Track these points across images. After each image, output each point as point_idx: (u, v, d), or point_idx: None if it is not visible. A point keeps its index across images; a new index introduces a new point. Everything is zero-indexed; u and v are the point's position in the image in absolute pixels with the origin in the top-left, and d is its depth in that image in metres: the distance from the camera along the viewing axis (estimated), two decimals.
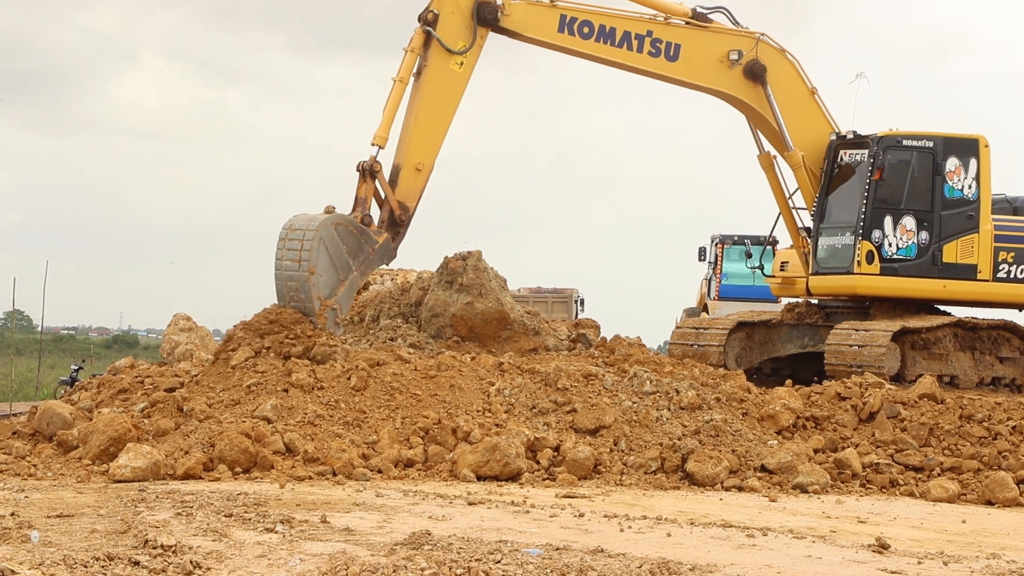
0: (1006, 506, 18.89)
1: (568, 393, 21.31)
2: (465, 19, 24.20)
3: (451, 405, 20.71)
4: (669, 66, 25.87)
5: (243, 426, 19.27)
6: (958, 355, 25.94)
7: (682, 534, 14.65)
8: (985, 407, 21.61)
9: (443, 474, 19.06)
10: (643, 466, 19.64)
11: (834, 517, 16.80)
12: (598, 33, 25.32)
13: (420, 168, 24.05)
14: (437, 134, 24.33)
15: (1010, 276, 26.55)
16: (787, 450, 19.92)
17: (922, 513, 17.75)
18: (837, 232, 26.55)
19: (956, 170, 26.26)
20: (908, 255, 26.05)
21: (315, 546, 12.88)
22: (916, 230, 26.06)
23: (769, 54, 26.39)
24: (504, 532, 14.16)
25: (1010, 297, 26.91)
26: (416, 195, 24.13)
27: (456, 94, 24.32)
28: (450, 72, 24.13)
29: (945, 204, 26.18)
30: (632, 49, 25.60)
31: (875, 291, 26.23)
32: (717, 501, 17.97)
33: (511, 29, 24.75)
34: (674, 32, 25.91)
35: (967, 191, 26.25)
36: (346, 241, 22.97)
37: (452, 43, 24.02)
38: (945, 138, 26.29)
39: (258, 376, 20.91)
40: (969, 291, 26.45)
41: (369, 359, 21.78)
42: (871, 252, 25.86)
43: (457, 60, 24.07)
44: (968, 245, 26.31)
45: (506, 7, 24.51)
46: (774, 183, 27.47)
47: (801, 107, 26.69)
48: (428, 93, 24.03)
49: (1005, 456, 20.26)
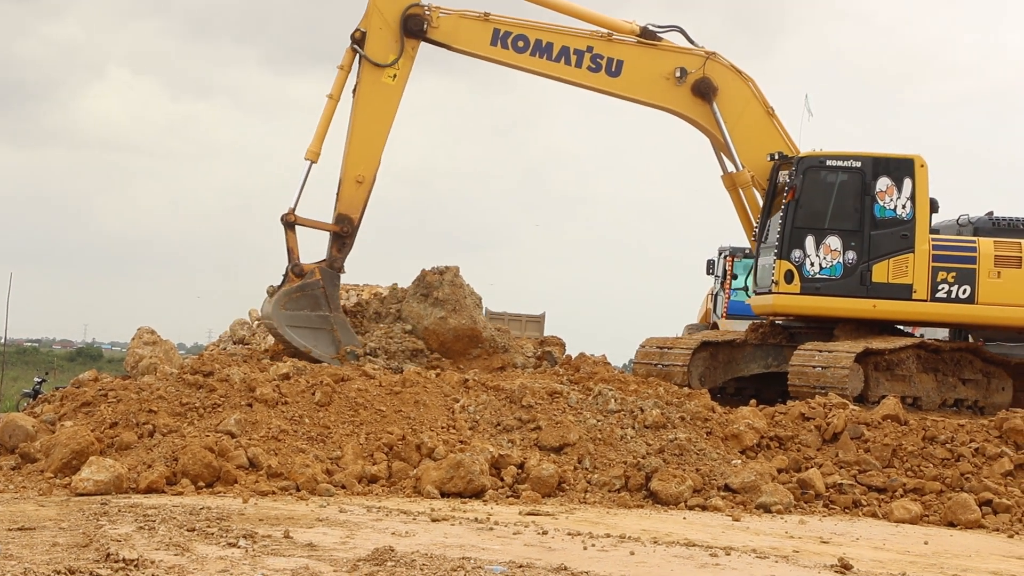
0: (968, 528, 18.96)
1: (533, 410, 21.31)
2: (394, 33, 24.96)
3: (415, 421, 20.69)
4: (610, 81, 26.22)
5: (206, 440, 19.21)
6: (921, 376, 26.02)
7: (645, 552, 14.66)
8: (948, 429, 21.69)
9: (407, 490, 19.03)
10: (607, 484, 19.64)
11: (797, 537, 16.83)
12: (534, 47, 25.76)
13: (361, 180, 25.13)
14: (375, 146, 25.22)
15: (950, 296, 26.54)
16: (751, 470, 19.96)
17: (885, 534, 17.80)
18: (769, 252, 26.75)
19: (888, 190, 26.33)
20: (833, 274, 26.14)
21: (278, 561, 12.83)
22: (842, 249, 26.17)
23: (721, 73, 26.58)
24: (467, 549, 14.14)
25: (948, 317, 26.87)
26: (359, 206, 25.18)
27: (390, 106, 25.14)
28: (382, 86, 24.94)
29: (875, 224, 26.23)
30: (570, 64, 25.99)
31: (794, 310, 26.40)
32: (681, 520, 17.98)
33: (441, 41, 25.30)
34: (617, 48, 26.23)
35: (900, 211, 26.32)
36: (301, 305, 24.58)
37: (382, 58, 24.86)
38: (875, 158, 26.38)
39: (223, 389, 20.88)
40: (903, 311, 26.46)
41: (334, 374, 21.76)
42: (790, 271, 26.01)
43: (389, 73, 24.88)
44: (902, 265, 26.33)
45: (434, 19, 25.07)
46: (737, 203, 27.58)
47: (755, 127, 26.82)
48: (362, 108, 24.94)
49: (967, 478, 20.34)
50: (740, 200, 27.51)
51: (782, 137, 26.99)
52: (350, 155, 25.16)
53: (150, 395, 20.82)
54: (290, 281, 24.91)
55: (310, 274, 24.85)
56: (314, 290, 24.78)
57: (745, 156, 26.75)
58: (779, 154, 26.75)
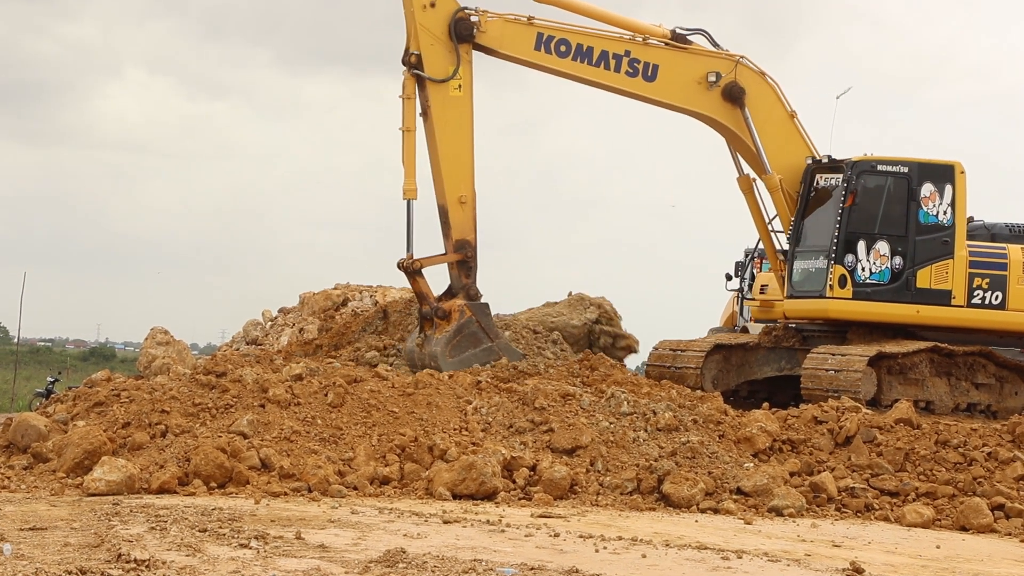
0: (980, 532, 18.91)
1: (545, 413, 21.30)
2: (445, 44, 24.46)
3: (428, 423, 20.69)
4: (647, 86, 25.95)
5: (219, 441, 19.23)
6: (934, 380, 25.99)
7: (657, 556, 14.65)
8: (961, 433, 21.65)
9: (419, 492, 19.03)
10: (619, 487, 19.63)
11: (809, 541, 16.81)
12: (575, 52, 25.41)
13: (464, 200, 24.58)
14: (466, 163, 24.68)
15: (984, 302, 26.62)
16: (763, 473, 19.94)
17: (897, 538, 17.77)
18: (812, 256, 26.61)
19: (931, 196, 26.33)
20: (881, 280, 26.10)
21: (289, 562, 12.84)
22: (890, 255, 26.13)
23: (748, 77, 26.47)
24: (479, 551, 14.14)
25: (984, 323, 26.96)
26: (471, 226, 24.68)
27: (467, 117, 24.64)
28: (453, 100, 24.38)
29: (919, 229, 26.24)
30: (609, 68, 25.66)
31: (847, 315, 26.29)
32: (692, 523, 17.97)
33: (487, 46, 24.93)
34: (652, 53, 25.98)
35: (942, 217, 26.33)
36: (464, 347, 24.37)
37: (443, 72, 24.32)
38: (920, 164, 26.37)
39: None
40: (943, 317, 26.50)
41: (347, 376, 21.78)
42: (844, 276, 25.92)
43: (453, 85, 24.30)
44: (943, 271, 26.38)
45: (482, 23, 24.67)
46: (753, 206, 27.53)
47: (780, 130, 26.74)
48: (441, 128, 24.34)
49: (980, 482, 20.30)
50: (756, 203, 27.44)
51: (804, 140, 26.93)
52: (446, 179, 24.57)
53: (163, 395, 20.85)
54: (439, 327, 24.44)
55: (460, 314, 24.39)
56: (470, 328, 24.41)
57: (773, 160, 26.62)
58: (828, 157, 26.64)
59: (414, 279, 24.54)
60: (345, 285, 32.59)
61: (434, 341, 24.34)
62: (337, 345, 28.03)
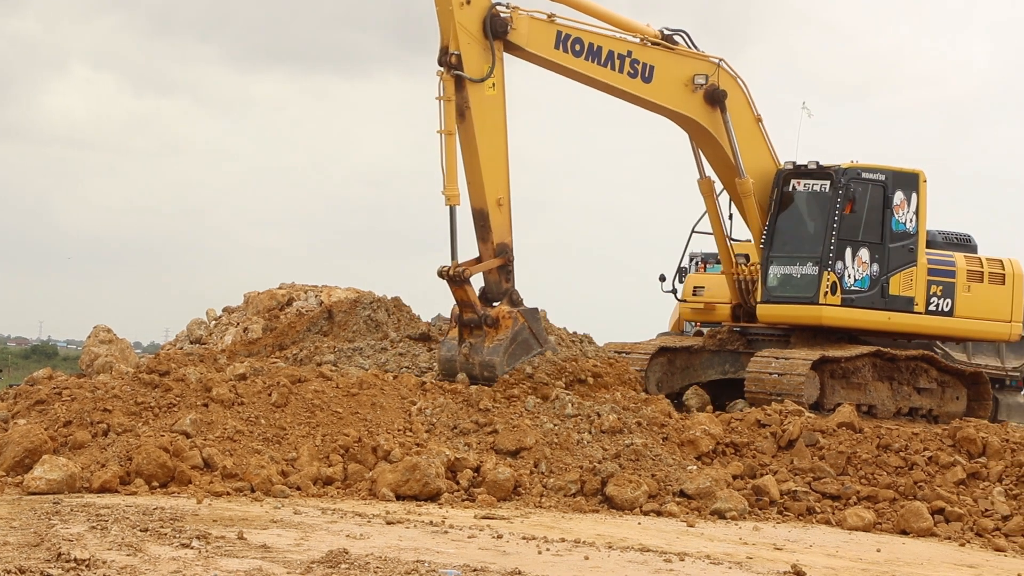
0: (920, 536, 19.06)
1: (490, 414, 21.30)
2: (480, 42, 23.72)
3: (372, 424, 20.65)
4: (644, 87, 25.59)
5: (161, 440, 19.12)
6: (877, 385, 26.17)
7: (600, 557, 14.68)
8: (902, 437, 21.80)
9: (362, 493, 18.99)
10: (563, 489, 19.65)
11: (751, 543, 16.88)
12: (587, 51, 24.95)
13: (501, 203, 23.95)
14: (502, 164, 24.13)
15: (938, 309, 26.86)
16: (706, 476, 20.00)
17: (838, 541, 17.87)
18: (795, 261, 26.46)
19: (901, 204, 26.51)
20: (862, 287, 26.24)
21: (231, 563, 12.79)
22: (869, 262, 26.28)
23: (727, 80, 26.28)
24: (422, 552, 14.13)
25: (939, 330, 27.26)
26: (508, 228, 24.11)
27: (502, 117, 24.08)
28: (488, 99, 23.77)
29: (892, 237, 26.44)
30: (614, 69, 25.26)
31: (837, 322, 26.35)
32: (635, 525, 18.01)
33: (515, 43, 24.19)
34: (649, 54, 25.66)
35: (909, 225, 26.55)
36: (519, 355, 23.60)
37: (480, 72, 23.63)
38: (895, 172, 26.55)
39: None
40: (908, 323, 26.80)
41: (291, 375, 21.70)
42: (835, 283, 25.98)
43: (488, 84, 23.67)
44: (908, 278, 26.60)
45: (515, 20, 24.05)
46: (712, 209, 27.40)
47: (750, 135, 26.67)
48: (480, 129, 23.63)
49: (920, 486, 20.45)
50: (715, 206, 27.30)
51: (767, 145, 26.90)
52: (486, 181, 23.82)
53: (105, 394, 20.72)
54: (488, 335, 23.67)
55: (514, 321, 23.65)
56: (523, 335, 23.72)
57: (746, 164, 26.47)
58: (816, 163, 26.55)
59: (461, 287, 23.62)
60: (290, 285, 32.50)
61: (486, 350, 23.53)
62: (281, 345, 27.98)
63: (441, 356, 24.17)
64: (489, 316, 23.58)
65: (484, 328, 23.66)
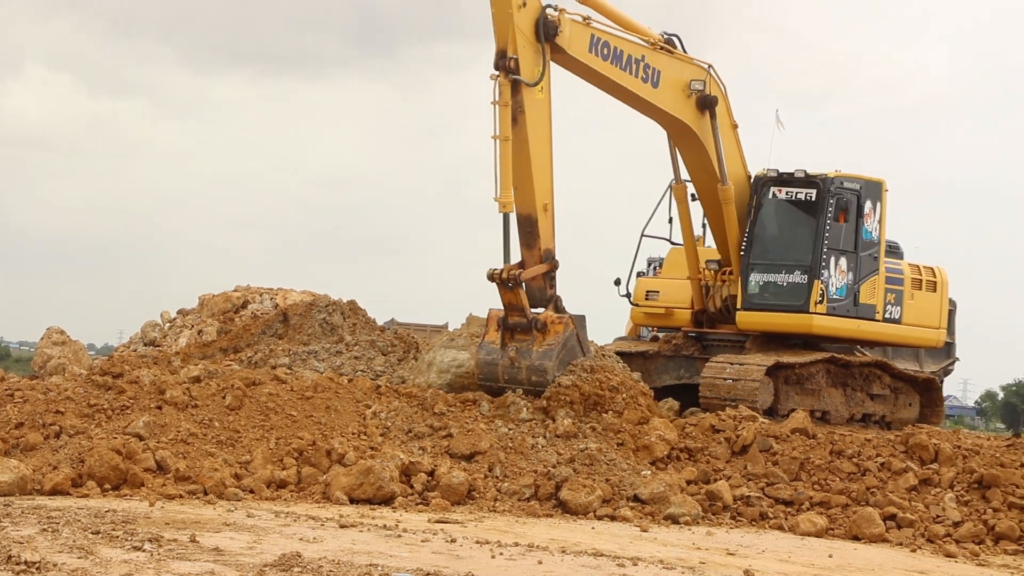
0: (872, 541, 19.15)
1: (444, 418, 21.30)
2: (533, 45, 23.25)
3: (326, 427, 20.62)
4: (652, 92, 25.33)
5: (114, 442, 19.04)
6: (830, 391, 26.29)
7: (553, 562, 14.69)
8: (855, 443, 21.90)
9: (316, 496, 18.95)
10: (517, 493, 19.66)
11: (704, 549, 16.93)
12: (612, 55, 24.60)
13: (547, 208, 23.52)
14: (550, 168, 23.70)
15: (890, 317, 27.05)
16: (660, 481, 20.05)
17: (790, 546, 17.94)
18: (780, 269, 26.43)
19: (870, 212, 26.61)
20: (841, 295, 26.34)
21: (183, 566, 12.74)
22: (847, 270, 26.38)
23: (713, 86, 26.09)
24: (375, 556, 14.11)
25: (892, 337, 27.45)
26: (553, 234, 23.66)
27: (549, 120, 23.64)
28: (539, 103, 23.31)
29: (863, 246, 26.56)
30: (632, 73, 24.96)
31: (825, 330, 26.42)
32: (589, 530, 18.03)
33: (560, 46, 23.71)
34: (657, 59, 25.43)
35: (874, 233, 26.69)
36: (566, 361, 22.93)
37: (532, 76, 23.17)
38: (866, 181, 26.66)
39: None
40: (872, 331, 26.97)
41: (245, 378, 21.64)
42: (822, 292, 26.05)
43: (539, 88, 23.22)
44: (872, 286, 26.72)
45: (562, 23, 23.59)
46: (684, 214, 27.32)
47: (730, 142, 26.60)
48: (532, 133, 23.09)
49: (873, 492, 20.55)
50: (688, 211, 27.20)
51: (741, 153, 26.88)
52: (536, 186, 23.25)
53: (58, 396, 20.62)
54: (536, 340, 23.01)
55: (565, 327, 23.06)
56: (572, 342, 23.13)
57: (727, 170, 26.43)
58: (804, 172, 26.53)
59: (513, 290, 23.02)
60: (245, 287, 32.43)
61: (536, 354, 22.99)
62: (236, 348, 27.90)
63: (480, 360, 23.47)
64: (539, 320, 23.05)
65: (533, 333, 23.09)
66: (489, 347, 23.35)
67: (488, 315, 23.55)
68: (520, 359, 23.01)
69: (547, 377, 22.61)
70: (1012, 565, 18.12)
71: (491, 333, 23.41)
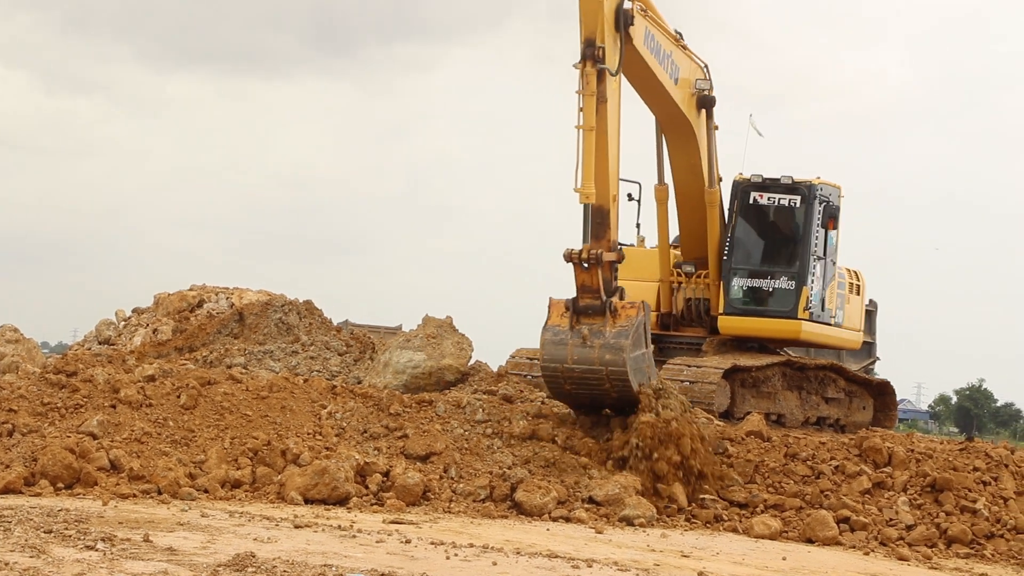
0: (826, 544, 19.22)
1: (400, 418, 21.27)
2: (613, 35, 22.43)
3: (281, 427, 20.56)
4: (674, 89, 25.00)
5: (67, 441, 18.93)
6: (786, 394, 26.40)
7: (508, 563, 14.69)
8: (810, 446, 21.98)
9: (270, 496, 18.90)
10: (472, 494, 19.65)
11: (658, 551, 16.96)
12: (655, 48, 24.11)
13: (615, 198, 22.74)
14: (618, 158, 22.92)
15: (835, 322, 27.28)
16: (615, 483, 20.06)
17: (744, 549, 17.99)
18: (765, 275, 26.46)
19: (832, 219, 26.77)
20: (816, 301, 26.49)
21: (136, 565, 12.68)
22: (819, 276, 26.55)
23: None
24: (330, 556, 14.07)
25: (839, 341, 27.67)
26: (617, 225, 22.81)
27: (619, 111, 22.84)
28: (615, 93, 22.52)
29: (829, 252, 26.73)
30: (664, 68, 24.55)
31: (810, 336, 26.56)
32: (544, 531, 18.04)
33: (631, 36, 22.97)
34: (679, 55, 25.16)
35: (836, 239, 26.87)
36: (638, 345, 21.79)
37: (613, 66, 22.41)
38: (834, 188, 26.82)
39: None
40: (831, 336, 27.18)
41: (200, 377, 21.56)
42: (807, 298, 26.16)
43: (616, 78, 22.49)
44: (832, 291, 26.93)
45: (634, 12, 22.91)
46: (663, 216, 27.25)
47: (714, 144, 26.58)
48: (610, 123, 22.32)
49: (827, 495, 20.62)
50: (666, 213, 27.07)
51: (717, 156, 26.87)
52: (611, 176, 22.38)
53: (11, 394, 20.49)
54: (609, 322, 21.68)
55: (638, 311, 21.90)
56: (641, 328, 21.99)
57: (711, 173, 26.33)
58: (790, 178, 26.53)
59: (590, 271, 21.80)
60: (201, 287, 32.30)
61: (611, 334, 21.72)
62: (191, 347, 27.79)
63: (546, 340, 22.12)
64: (612, 303, 21.88)
65: (606, 315, 21.83)
66: (555, 329, 22.06)
67: (549, 303, 22.35)
68: (593, 338, 21.73)
69: (623, 355, 21.45)
70: (964, 568, 18.24)
71: (555, 318, 22.14)
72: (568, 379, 21.65)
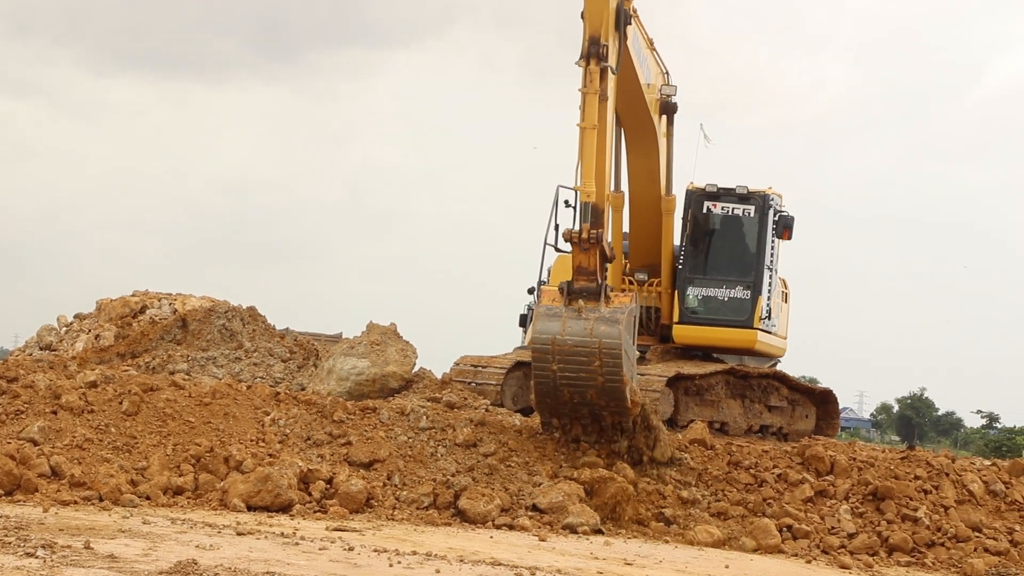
0: (768, 552, 19.32)
1: (344, 425, 21.22)
2: (613, 34, 22.12)
3: (224, 433, 20.47)
4: (647, 90, 24.87)
5: (8, 447, 18.79)
6: (729, 402, 26.50)
7: (451, 571, 14.68)
8: (753, 454, 22.08)
9: (213, 503, 18.81)
10: (416, 501, 19.63)
11: (602, 558, 16.98)
12: (636, 50, 23.85)
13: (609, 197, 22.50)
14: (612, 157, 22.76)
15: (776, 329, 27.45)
16: (559, 490, 20.08)
17: (687, 557, 18.05)
18: (720, 284, 26.51)
19: (788, 229, 26.88)
20: (767, 310, 26.61)
21: (77, 572, 12.60)
22: (769, 286, 26.67)
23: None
24: (272, 564, 14.02)
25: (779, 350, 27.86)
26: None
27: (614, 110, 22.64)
28: (613, 92, 22.23)
29: (773, 262, 26.88)
30: (643, 68, 24.42)
31: (762, 346, 26.65)
32: (488, 539, 18.04)
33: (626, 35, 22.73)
34: (650, 59, 25.07)
35: (778, 249, 27.00)
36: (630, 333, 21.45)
37: (615, 64, 22.13)
38: (779, 197, 26.94)
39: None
40: (775, 345, 27.32)
41: (142, 384, 21.44)
42: (761, 308, 26.26)
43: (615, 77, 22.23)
44: (775, 300, 27.12)
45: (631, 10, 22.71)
46: (617, 224, 27.25)
47: (670, 151, 26.56)
48: (609, 121, 22.11)
49: (769, 503, 20.73)
50: (621, 221, 27.01)
51: None
52: (608, 174, 22.23)
53: None
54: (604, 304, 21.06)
55: (631, 298, 21.53)
56: (632, 316, 21.52)
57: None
58: (745, 188, 26.56)
59: (589, 252, 21.23)
60: (144, 292, 32.10)
61: (608, 311, 21.09)
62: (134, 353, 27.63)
63: (540, 314, 21.52)
64: (608, 286, 21.43)
65: (601, 298, 21.19)
66: (549, 306, 21.45)
67: (540, 290, 22.17)
68: (588, 313, 21.09)
69: (618, 328, 20.93)
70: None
71: (548, 299, 21.61)
72: (558, 356, 20.82)
